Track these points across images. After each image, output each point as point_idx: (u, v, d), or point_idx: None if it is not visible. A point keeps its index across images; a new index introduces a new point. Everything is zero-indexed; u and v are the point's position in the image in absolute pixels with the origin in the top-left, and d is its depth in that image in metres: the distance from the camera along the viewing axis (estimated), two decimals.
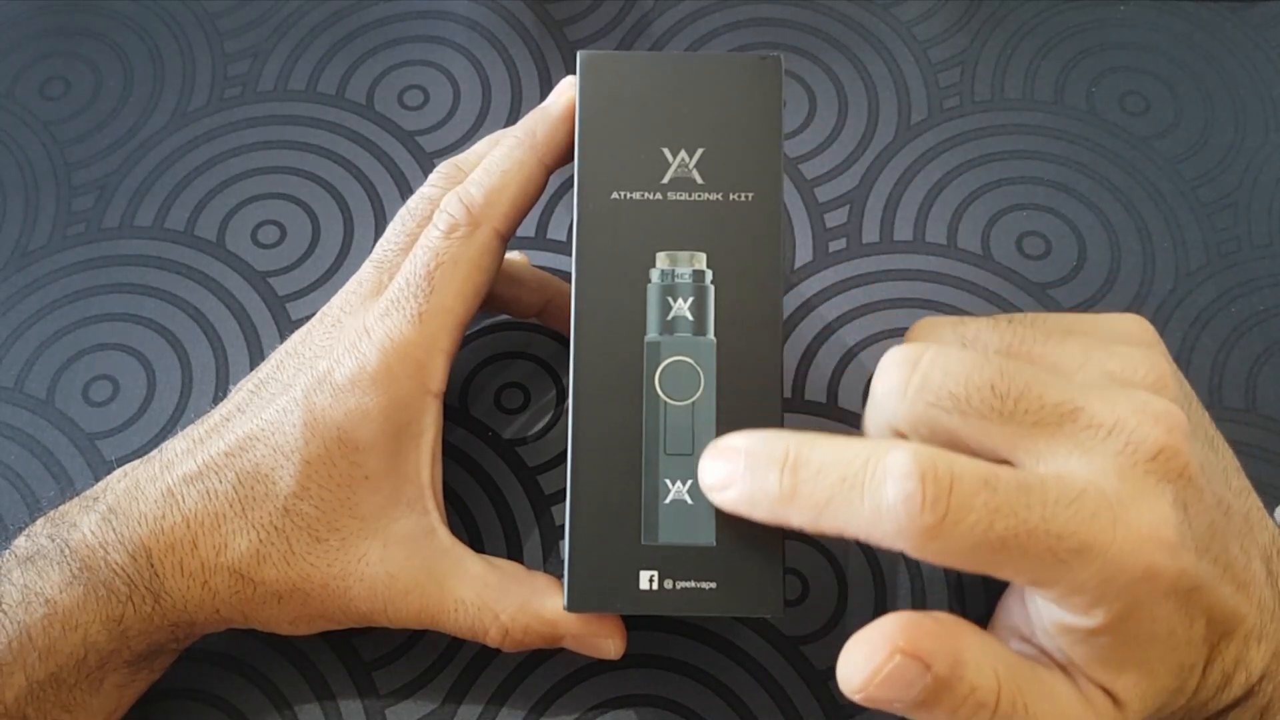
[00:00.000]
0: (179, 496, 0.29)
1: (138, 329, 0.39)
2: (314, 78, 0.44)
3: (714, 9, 0.45)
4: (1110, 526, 0.23)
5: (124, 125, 0.44)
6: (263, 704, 0.33)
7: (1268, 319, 0.38)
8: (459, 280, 0.30)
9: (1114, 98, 0.43)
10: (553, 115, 0.31)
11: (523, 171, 0.31)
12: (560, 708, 0.33)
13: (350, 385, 0.29)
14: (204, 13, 0.46)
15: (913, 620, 0.24)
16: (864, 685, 0.23)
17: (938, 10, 0.45)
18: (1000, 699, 0.24)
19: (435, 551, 0.30)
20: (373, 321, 0.30)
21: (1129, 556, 0.23)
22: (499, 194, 0.31)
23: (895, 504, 0.23)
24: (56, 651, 0.28)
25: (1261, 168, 0.41)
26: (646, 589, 0.27)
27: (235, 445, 0.30)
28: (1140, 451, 0.24)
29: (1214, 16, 0.44)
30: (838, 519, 0.24)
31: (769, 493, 0.25)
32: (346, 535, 0.29)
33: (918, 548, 0.23)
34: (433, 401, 0.30)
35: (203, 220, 0.41)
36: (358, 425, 0.29)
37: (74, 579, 0.28)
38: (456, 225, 0.30)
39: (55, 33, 0.46)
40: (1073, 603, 0.24)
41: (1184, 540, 0.24)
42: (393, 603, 0.30)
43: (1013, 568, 0.23)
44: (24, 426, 0.38)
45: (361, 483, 0.29)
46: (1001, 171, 0.41)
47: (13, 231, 0.41)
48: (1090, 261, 0.40)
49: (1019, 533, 0.23)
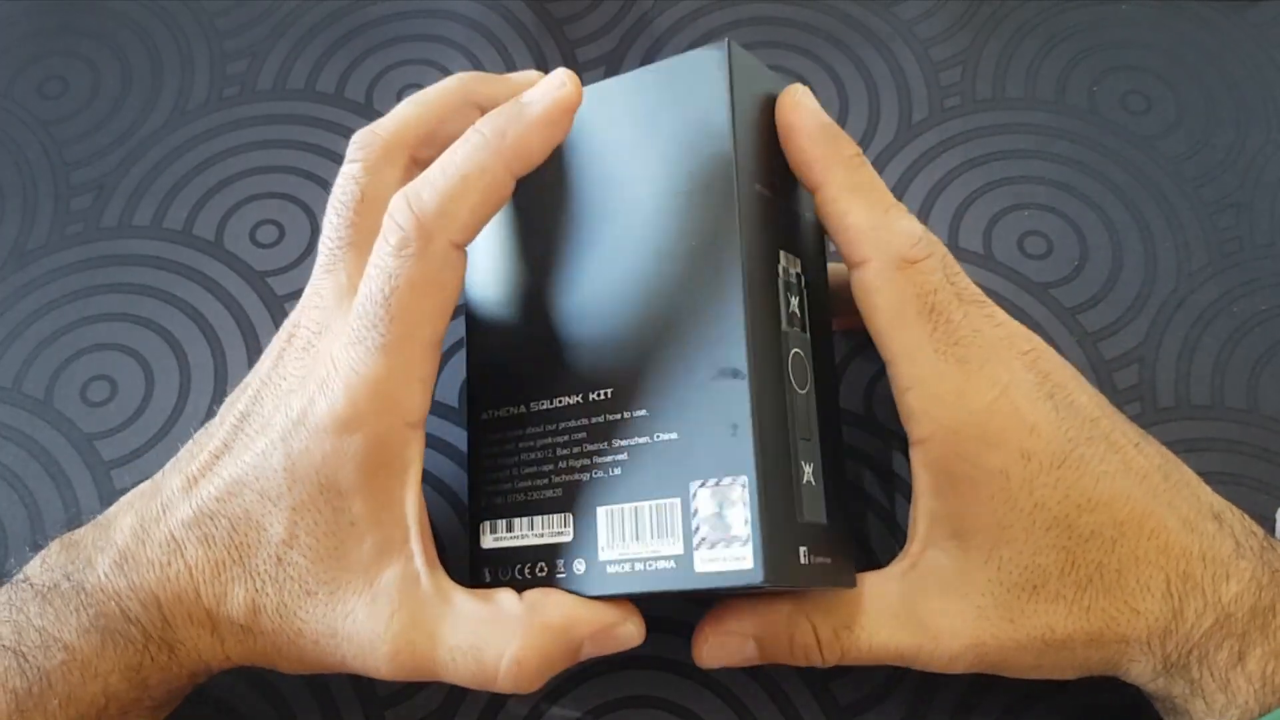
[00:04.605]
0: (181, 543, 0.28)
1: (136, 329, 0.39)
2: (313, 77, 0.44)
3: (714, 8, 0.45)
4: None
5: (122, 124, 0.43)
6: (262, 705, 0.33)
7: (1269, 319, 0.38)
8: (419, 304, 0.27)
9: (1116, 97, 0.43)
10: (531, 118, 0.27)
11: (485, 178, 0.27)
12: (560, 708, 0.33)
13: (325, 429, 0.27)
14: (202, 12, 0.46)
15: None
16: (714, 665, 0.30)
17: (939, 9, 0.45)
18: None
19: (420, 601, 0.28)
20: (339, 352, 0.28)
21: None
22: (456, 203, 0.27)
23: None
24: (77, 699, 0.27)
25: (1263, 167, 0.41)
26: (804, 563, 0.28)
27: (224, 491, 0.28)
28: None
29: (1215, 16, 0.44)
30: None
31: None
32: (335, 589, 0.28)
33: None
34: (412, 434, 0.28)
35: (201, 220, 0.41)
36: (337, 470, 0.28)
37: (91, 626, 0.28)
38: (407, 241, 0.27)
39: (53, 32, 0.46)
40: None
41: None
42: (386, 663, 0.28)
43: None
44: (22, 427, 0.38)
45: (348, 529, 0.28)
46: (1003, 171, 0.41)
47: (11, 231, 0.41)
48: (1092, 261, 0.40)
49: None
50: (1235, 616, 0.28)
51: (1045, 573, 0.28)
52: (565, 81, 0.28)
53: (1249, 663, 0.27)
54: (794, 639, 0.29)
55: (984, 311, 0.30)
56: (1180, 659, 0.28)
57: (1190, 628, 0.28)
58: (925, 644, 0.29)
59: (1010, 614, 0.29)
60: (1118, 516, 0.28)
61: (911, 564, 0.30)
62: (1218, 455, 0.36)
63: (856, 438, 0.37)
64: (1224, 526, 0.29)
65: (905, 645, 0.29)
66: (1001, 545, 0.28)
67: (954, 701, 0.33)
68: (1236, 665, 0.28)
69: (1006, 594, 0.29)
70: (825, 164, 0.29)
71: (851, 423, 0.37)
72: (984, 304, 0.30)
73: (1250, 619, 0.28)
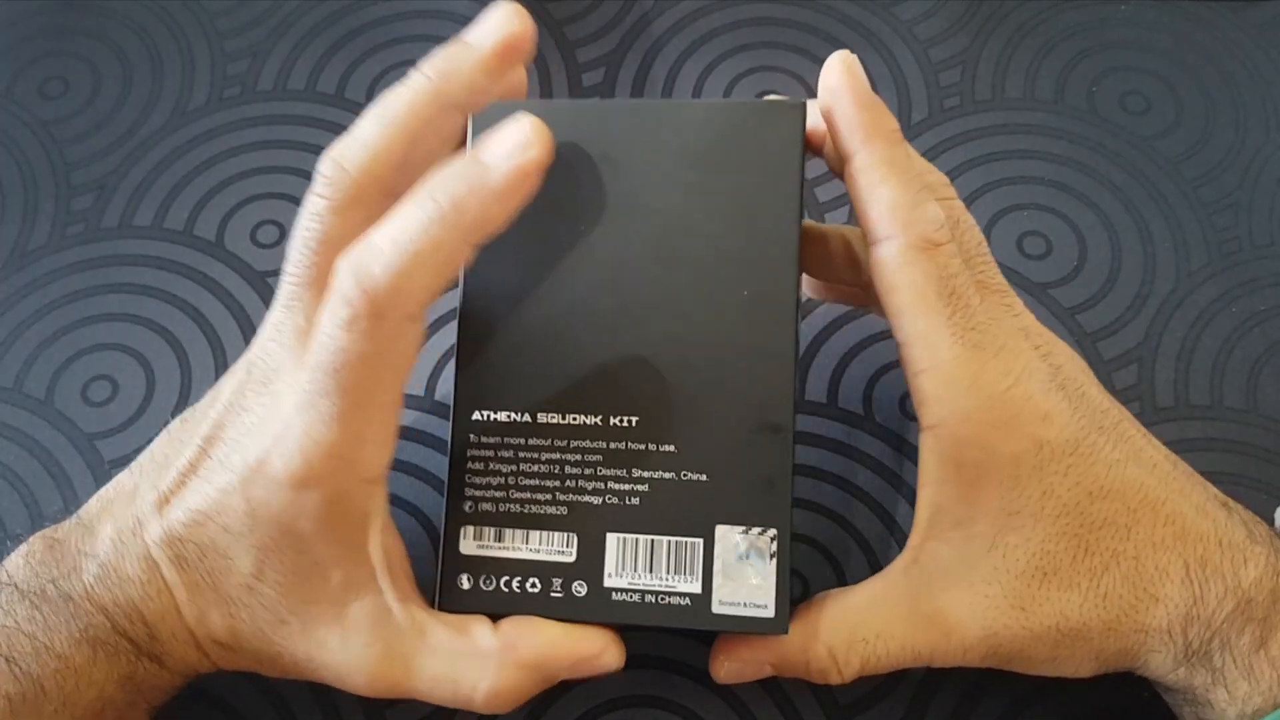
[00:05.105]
0: (157, 562, 0.28)
1: (137, 329, 0.39)
2: (313, 77, 0.44)
3: (714, 9, 0.45)
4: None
5: (123, 125, 0.43)
6: (262, 705, 0.33)
7: (1269, 319, 0.38)
8: (371, 376, 0.26)
9: (1115, 97, 0.43)
10: (492, 188, 0.25)
11: (440, 254, 0.25)
12: (560, 708, 0.33)
13: (281, 483, 0.27)
14: (203, 12, 0.46)
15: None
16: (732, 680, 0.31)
17: (938, 10, 0.45)
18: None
19: (394, 633, 0.28)
20: (292, 413, 0.27)
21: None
22: (408, 280, 0.25)
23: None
24: (73, 704, 0.27)
25: (1263, 167, 0.41)
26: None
27: (190, 519, 0.28)
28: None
29: (1215, 16, 0.44)
30: None
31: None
32: (306, 620, 0.28)
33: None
34: (371, 488, 0.28)
35: (202, 220, 0.41)
36: (297, 519, 0.27)
37: (82, 638, 0.28)
38: (356, 318, 0.25)
39: (54, 32, 0.46)
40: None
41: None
42: (365, 688, 0.29)
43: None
44: (23, 427, 0.38)
45: (313, 569, 0.28)
46: (1002, 171, 0.41)
47: (11, 231, 0.41)
48: (1091, 261, 0.40)
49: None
50: (1256, 601, 0.28)
51: (1056, 560, 0.28)
52: (531, 140, 0.25)
53: (1271, 648, 0.27)
54: (809, 665, 0.29)
55: (1004, 300, 0.29)
56: (1202, 646, 0.28)
57: (1212, 613, 0.28)
58: (938, 640, 0.29)
59: (1021, 602, 0.28)
60: (1131, 503, 0.28)
61: (913, 558, 0.29)
62: (1217, 455, 0.36)
63: (856, 438, 0.37)
64: (1233, 514, 0.29)
65: (920, 644, 0.29)
66: (1007, 532, 0.28)
67: (954, 701, 0.33)
68: (1259, 650, 0.27)
69: (1015, 581, 0.28)
70: (869, 132, 0.29)
71: (851, 422, 0.37)
72: (1005, 293, 0.30)
73: (1271, 603, 0.28)
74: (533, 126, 0.26)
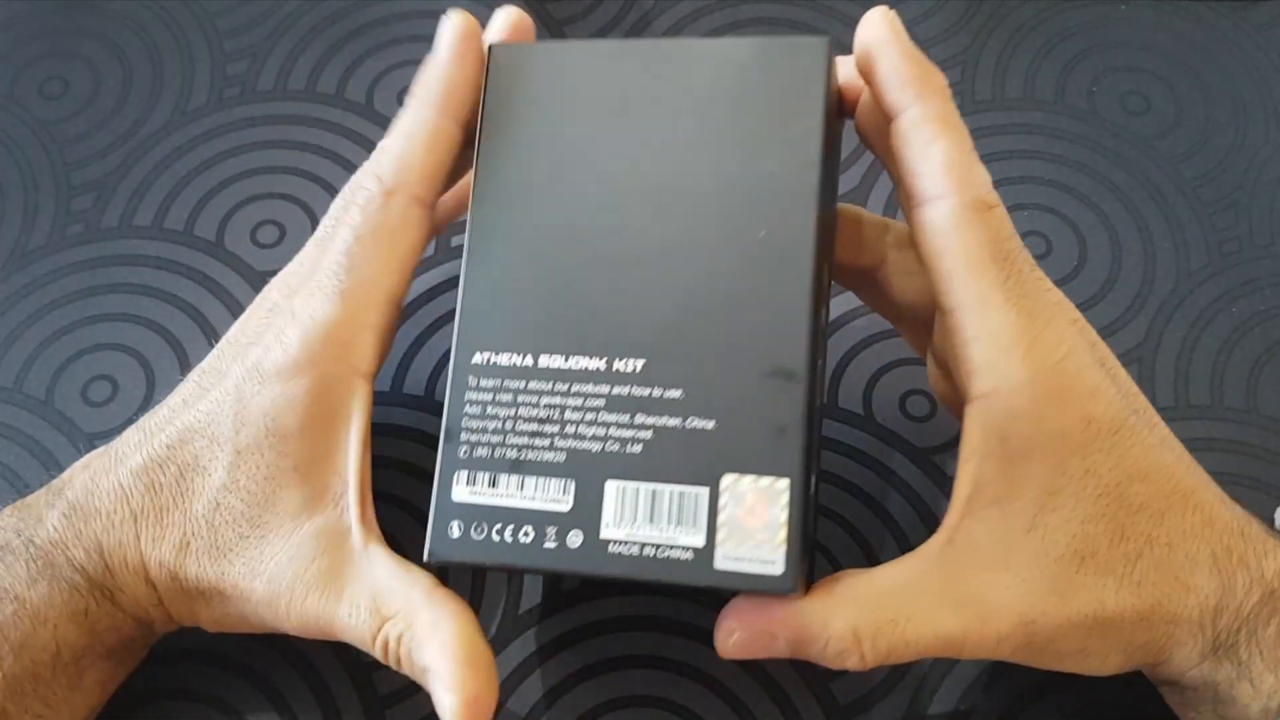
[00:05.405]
0: (128, 491, 0.29)
1: (137, 329, 0.39)
2: (313, 77, 0.44)
3: (714, 8, 0.45)
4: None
5: (123, 125, 0.43)
6: (262, 704, 0.33)
7: (1269, 319, 0.38)
8: (379, 253, 0.29)
9: (1115, 97, 0.43)
10: (442, 64, 0.30)
11: (428, 130, 0.30)
12: (560, 708, 0.33)
13: (276, 373, 0.29)
14: (203, 12, 0.46)
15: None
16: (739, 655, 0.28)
17: (939, 9, 0.45)
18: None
19: (345, 553, 0.28)
20: (299, 305, 0.29)
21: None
22: (408, 158, 0.29)
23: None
24: (30, 646, 0.28)
25: (1262, 167, 0.41)
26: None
27: (176, 439, 0.29)
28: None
29: (1214, 16, 0.44)
30: None
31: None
32: (265, 532, 0.29)
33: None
34: (361, 384, 0.29)
35: (202, 220, 0.41)
36: (284, 412, 0.28)
37: (39, 575, 0.29)
38: (371, 198, 0.29)
39: (54, 32, 0.46)
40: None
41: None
42: (292, 605, 0.28)
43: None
44: (23, 427, 0.38)
45: (289, 474, 0.29)
46: (1002, 171, 0.41)
47: (11, 231, 0.41)
48: (1091, 261, 0.40)
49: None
50: (1279, 592, 0.27)
51: (1094, 543, 0.27)
52: (453, 17, 0.30)
53: None
54: (828, 644, 0.27)
55: (1035, 273, 0.28)
56: (1230, 638, 0.27)
57: (1240, 603, 0.27)
58: (972, 625, 0.27)
59: (1058, 586, 0.27)
60: (1164, 489, 0.28)
61: (949, 538, 0.28)
62: (1217, 455, 0.36)
63: (857, 438, 0.37)
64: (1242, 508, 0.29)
65: (952, 629, 0.27)
66: (1047, 512, 0.27)
67: (954, 701, 0.33)
68: None
69: (1053, 565, 0.27)
70: (921, 86, 0.27)
71: (852, 423, 0.37)
72: (1034, 266, 0.29)
73: None
74: (453, 13, 0.30)
